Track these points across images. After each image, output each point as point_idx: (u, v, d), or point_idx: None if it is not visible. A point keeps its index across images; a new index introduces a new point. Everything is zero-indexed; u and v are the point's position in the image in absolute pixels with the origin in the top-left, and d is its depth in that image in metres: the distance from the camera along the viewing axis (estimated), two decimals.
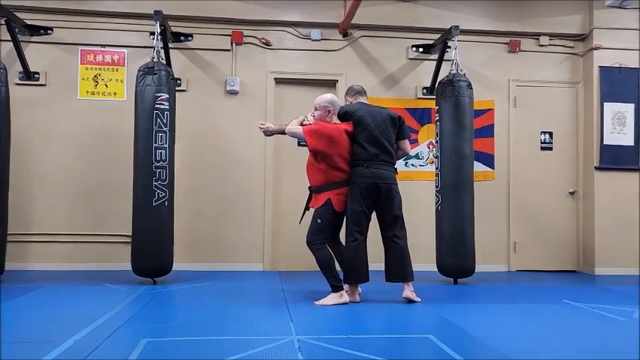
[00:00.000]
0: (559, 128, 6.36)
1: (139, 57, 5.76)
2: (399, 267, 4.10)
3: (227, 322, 3.44)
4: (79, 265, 5.68)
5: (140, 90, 4.89)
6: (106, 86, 5.84)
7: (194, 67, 5.96)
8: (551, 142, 6.35)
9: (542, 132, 6.34)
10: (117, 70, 5.86)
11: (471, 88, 5.27)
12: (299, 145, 5.58)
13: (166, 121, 4.90)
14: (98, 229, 5.76)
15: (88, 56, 5.83)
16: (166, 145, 4.89)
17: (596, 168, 6.11)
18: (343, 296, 4.02)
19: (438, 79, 5.73)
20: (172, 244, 5.00)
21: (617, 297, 4.62)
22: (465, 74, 5.30)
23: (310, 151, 4.13)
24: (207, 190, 5.90)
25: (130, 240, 5.08)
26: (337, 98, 4.37)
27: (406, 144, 4.34)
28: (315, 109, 4.20)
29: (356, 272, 4.05)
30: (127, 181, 5.21)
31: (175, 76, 5.69)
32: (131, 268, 4.91)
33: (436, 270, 5.27)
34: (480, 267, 5.39)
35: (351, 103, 4.33)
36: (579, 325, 3.55)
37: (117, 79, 5.86)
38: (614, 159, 6.11)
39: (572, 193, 6.32)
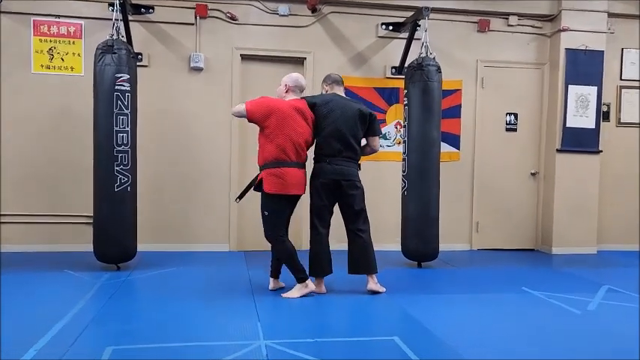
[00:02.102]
0: (524, 110, 6.42)
1: (97, 29, 5.51)
2: (363, 260, 4.14)
3: (193, 322, 3.40)
4: (39, 246, 5.53)
5: (99, 70, 4.66)
6: (62, 60, 5.55)
7: (156, 41, 5.71)
8: (516, 124, 6.42)
9: (507, 113, 6.40)
10: (73, 43, 5.56)
11: (440, 72, 5.23)
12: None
13: (127, 103, 4.70)
14: (57, 210, 5.59)
15: (41, 27, 5.51)
16: (128, 129, 4.72)
17: (557, 150, 6.24)
18: (309, 285, 4.03)
19: (408, 60, 5.68)
20: (136, 229, 4.90)
21: (574, 283, 4.77)
22: (434, 58, 5.24)
23: (249, 120, 3.98)
24: (171, 170, 5.77)
25: (91, 221, 4.98)
26: (303, 79, 4.19)
27: (376, 141, 4.29)
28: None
29: (319, 266, 4.09)
30: (86, 159, 5.10)
31: (136, 50, 5.47)
32: (93, 251, 4.81)
33: (399, 250, 5.34)
34: (443, 246, 5.45)
35: (327, 92, 4.22)
36: (537, 320, 3.65)
37: (73, 53, 5.57)
38: (576, 141, 6.23)
39: (533, 174, 6.45)
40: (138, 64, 5.28)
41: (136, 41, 5.46)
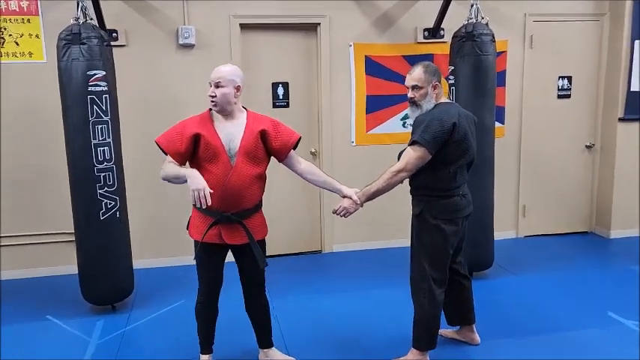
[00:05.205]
0: (579, 72, 5.41)
1: (58, 2, 4.34)
2: (468, 309, 3.29)
3: None
4: (14, 272, 4.62)
5: (65, 67, 3.58)
6: (17, 44, 4.41)
7: (134, 13, 4.54)
8: (570, 89, 5.42)
9: (559, 77, 5.39)
10: (29, 21, 4.40)
11: (494, 41, 4.19)
12: None
13: (106, 107, 3.65)
14: (30, 228, 4.63)
15: None
16: (110, 140, 3.70)
17: (620, 119, 5.29)
18: None
19: (446, 20, 4.66)
20: (131, 261, 3.99)
21: None
22: (487, 24, 4.18)
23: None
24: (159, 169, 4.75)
25: (70, 239, 4.14)
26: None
27: None
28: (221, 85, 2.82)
29: (434, 338, 3.04)
30: (58, 165, 4.19)
31: (109, 27, 4.36)
32: (80, 291, 3.92)
33: None
34: None
35: (437, 95, 2.96)
36: None
37: (30, 34, 4.42)
38: None
39: (588, 147, 5.54)
40: (113, 43, 4.20)
41: (109, 15, 4.32)
